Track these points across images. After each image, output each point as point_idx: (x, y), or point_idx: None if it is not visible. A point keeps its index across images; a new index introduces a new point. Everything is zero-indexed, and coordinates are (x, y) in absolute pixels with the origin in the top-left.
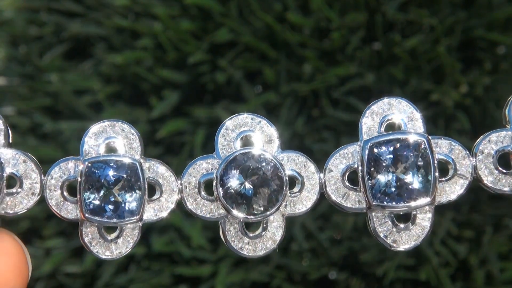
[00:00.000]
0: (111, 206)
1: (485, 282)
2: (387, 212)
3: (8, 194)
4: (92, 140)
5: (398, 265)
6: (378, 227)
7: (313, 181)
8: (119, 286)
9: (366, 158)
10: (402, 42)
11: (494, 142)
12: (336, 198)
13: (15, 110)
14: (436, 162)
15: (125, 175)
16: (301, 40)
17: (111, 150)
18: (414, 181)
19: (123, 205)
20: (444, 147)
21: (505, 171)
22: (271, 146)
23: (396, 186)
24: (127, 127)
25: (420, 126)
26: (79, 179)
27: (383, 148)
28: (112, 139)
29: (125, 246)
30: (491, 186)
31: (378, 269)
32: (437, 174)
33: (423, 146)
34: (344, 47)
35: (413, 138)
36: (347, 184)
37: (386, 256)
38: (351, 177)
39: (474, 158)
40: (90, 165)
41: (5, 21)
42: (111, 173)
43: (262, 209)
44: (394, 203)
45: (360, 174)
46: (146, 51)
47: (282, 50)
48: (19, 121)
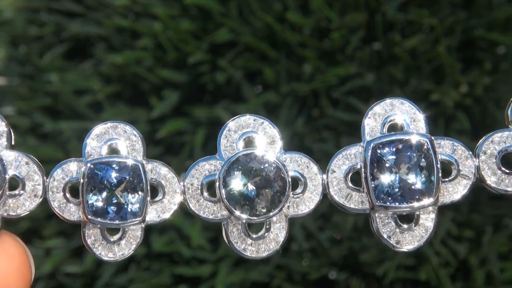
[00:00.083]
0: (114, 208)
1: (485, 282)
2: (390, 212)
3: (10, 196)
4: (94, 141)
5: (398, 265)
6: (382, 228)
7: (316, 182)
8: (119, 286)
9: (369, 159)
10: (402, 42)
11: (497, 142)
12: (339, 199)
13: (15, 110)
14: (439, 162)
15: (127, 177)
16: (301, 40)
17: (114, 151)
18: (417, 181)
19: (126, 206)
20: (447, 148)
21: (508, 171)
22: (274, 147)
23: (399, 186)
24: (129, 129)
25: (422, 127)
26: (82, 181)
27: (386, 148)
28: (114, 141)
29: (127, 247)
30: (494, 186)
31: (378, 269)
32: (440, 175)
33: (426, 146)
34: (344, 47)
35: (415, 138)
36: (350, 185)
37: (386, 256)
38: (354, 177)
39: (477, 159)
40: (92, 166)
41: (5, 21)
42: (114, 174)
43: (265, 210)
44: (397, 204)
45: (363, 175)
46: (146, 51)
47: (282, 50)
48: (19, 121)
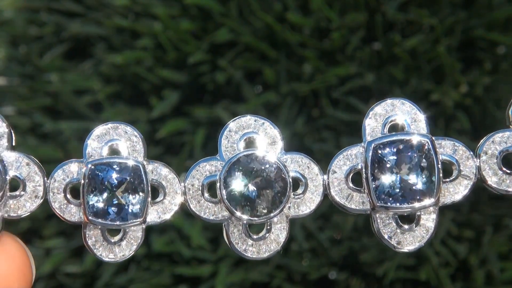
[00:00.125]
0: (115, 209)
1: (485, 282)
2: (391, 213)
3: (11, 197)
4: (95, 142)
5: (398, 265)
6: (382, 228)
7: (316, 182)
8: (119, 286)
9: (370, 160)
10: (402, 42)
11: (498, 142)
12: (340, 200)
13: (15, 110)
14: (440, 163)
15: (128, 178)
16: (301, 40)
17: (114, 152)
18: (418, 182)
19: (127, 207)
20: (447, 148)
21: (509, 172)
22: (275, 148)
23: (400, 187)
24: (130, 129)
25: (423, 127)
26: (82, 182)
27: (387, 149)
28: (115, 141)
29: (128, 248)
30: (495, 186)
31: (378, 269)
32: (441, 175)
33: (427, 147)
34: (344, 47)
35: (416, 139)
36: (351, 185)
37: (386, 256)
38: (354, 178)
39: (478, 159)
40: (93, 167)
41: (5, 21)
42: (114, 175)
43: (265, 211)
44: (398, 204)
45: (364, 176)
46: (146, 51)
47: (282, 50)
48: (19, 121)
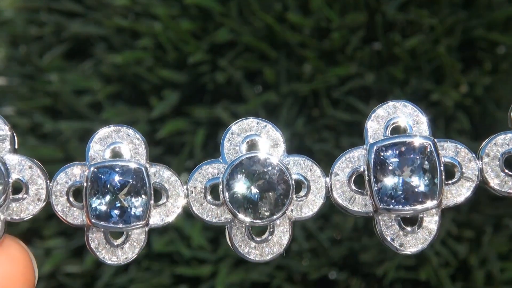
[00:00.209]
0: (117, 212)
1: (485, 282)
2: (394, 215)
3: (14, 200)
4: (97, 145)
5: (398, 265)
6: (385, 231)
7: (319, 185)
8: (119, 286)
9: (372, 162)
10: (402, 42)
11: (500, 144)
12: (342, 202)
13: (15, 110)
14: (442, 165)
15: (131, 180)
16: (301, 40)
17: (117, 155)
18: (420, 184)
19: (129, 210)
20: (450, 150)
21: (511, 174)
22: (277, 150)
23: (402, 189)
24: (132, 132)
25: (425, 129)
26: (85, 185)
27: (389, 151)
28: (117, 144)
29: (131, 251)
30: (498, 188)
31: (378, 269)
32: (443, 177)
33: (429, 149)
34: (344, 47)
35: (419, 141)
36: (354, 187)
37: (386, 256)
38: (356, 180)
39: (480, 161)
40: (96, 170)
41: (5, 21)
42: (117, 178)
43: (268, 213)
44: (400, 207)
45: (366, 178)
46: (146, 51)
47: (282, 50)
48: (19, 121)
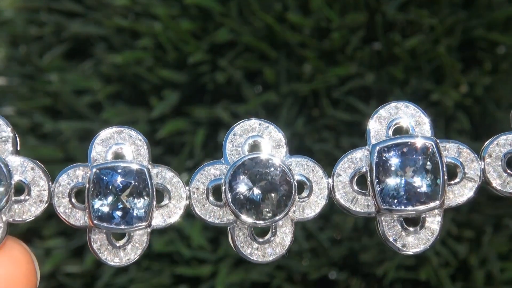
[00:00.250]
0: (120, 213)
1: (485, 282)
2: (396, 216)
3: (16, 202)
4: (99, 146)
5: (398, 265)
6: (387, 231)
7: (321, 185)
8: (119, 286)
9: (374, 163)
10: (402, 42)
11: (502, 145)
12: (345, 203)
13: (15, 110)
14: (445, 165)
15: (133, 181)
16: (301, 40)
17: (119, 156)
18: (422, 184)
19: (132, 211)
20: (452, 150)
21: None
22: (279, 151)
23: (405, 190)
24: (135, 133)
25: (428, 130)
26: (87, 186)
27: (391, 152)
28: (119, 146)
29: (133, 252)
30: (500, 189)
31: (378, 269)
32: (445, 178)
33: (431, 149)
34: (344, 47)
35: (421, 142)
36: (356, 188)
37: (386, 256)
38: (359, 180)
39: (482, 161)
40: (98, 171)
41: (5, 21)
42: (119, 179)
43: (270, 214)
44: (403, 207)
45: (368, 179)
46: (146, 51)
47: (282, 50)
48: (19, 121)
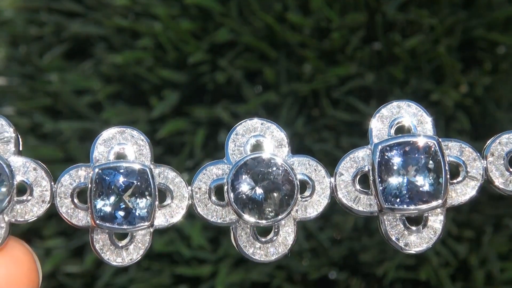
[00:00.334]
0: (122, 213)
1: (485, 282)
2: (399, 215)
3: (18, 202)
4: (101, 146)
5: (398, 265)
6: (390, 230)
7: (323, 185)
8: (119, 286)
9: (377, 162)
10: (402, 42)
11: (505, 143)
12: (347, 202)
13: (15, 110)
14: (447, 164)
15: (135, 181)
16: (301, 40)
17: (121, 156)
18: (425, 183)
19: (134, 211)
20: (454, 149)
21: None
22: (282, 151)
23: (407, 189)
24: (137, 134)
25: (430, 129)
26: (90, 186)
27: (394, 151)
28: (121, 146)
29: (136, 252)
30: (503, 187)
31: (378, 269)
32: (448, 177)
33: (434, 148)
34: (344, 47)
35: (423, 140)
36: (358, 187)
37: (386, 256)
38: (361, 179)
39: (485, 160)
40: (100, 171)
41: (5, 21)
42: (121, 179)
43: (273, 213)
44: (405, 206)
45: (371, 178)
46: (146, 51)
47: (282, 50)
48: (19, 121)
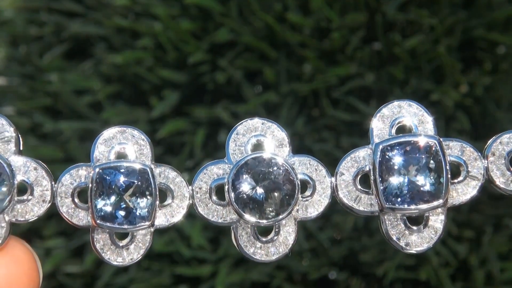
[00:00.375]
0: (123, 212)
1: (485, 282)
2: (399, 214)
3: (19, 202)
4: (102, 146)
5: (398, 265)
6: (391, 230)
7: (324, 184)
8: (119, 286)
9: (378, 161)
10: (402, 42)
11: (506, 143)
12: (348, 202)
13: (15, 110)
14: (448, 164)
15: (136, 181)
16: (301, 40)
17: (121, 156)
18: (426, 183)
19: (135, 211)
20: (455, 149)
21: None
22: (282, 150)
23: (408, 188)
24: (137, 133)
25: (431, 129)
26: (90, 186)
27: (395, 150)
28: (122, 145)
29: (137, 252)
30: (503, 187)
31: (378, 269)
32: (449, 176)
33: (435, 148)
34: (344, 47)
35: (424, 140)
36: (359, 187)
37: (386, 256)
38: (362, 179)
39: (486, 160)
40: (101, 171)
41: (5, 21)
42: (122, 179)
43: (274, 213)
44: (406, 206)
45: (372, 178)
46: (146, 51)
47: (282, 50)
48: (19, 121)
